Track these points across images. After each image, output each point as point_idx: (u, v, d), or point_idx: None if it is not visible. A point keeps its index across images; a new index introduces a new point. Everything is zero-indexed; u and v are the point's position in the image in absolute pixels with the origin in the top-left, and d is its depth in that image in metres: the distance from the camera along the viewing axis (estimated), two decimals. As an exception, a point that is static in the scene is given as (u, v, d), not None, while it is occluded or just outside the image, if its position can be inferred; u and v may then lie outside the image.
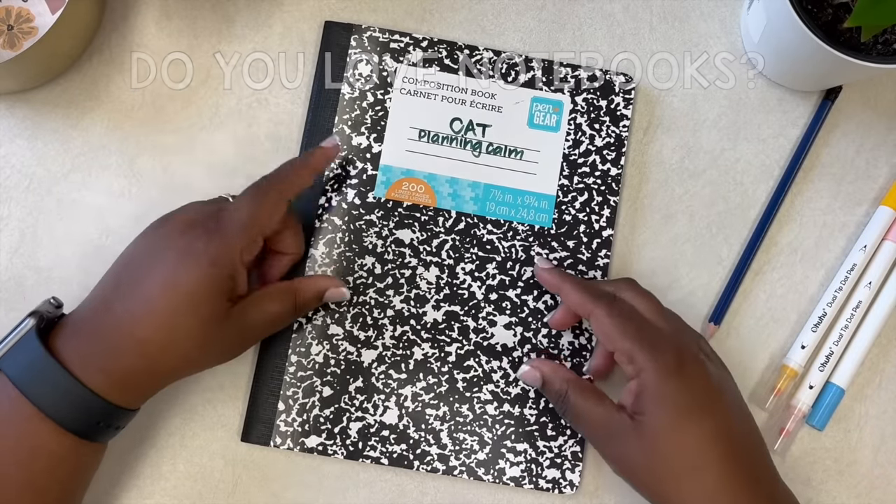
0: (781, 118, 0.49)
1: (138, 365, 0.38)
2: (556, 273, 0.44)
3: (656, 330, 0.40)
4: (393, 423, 0.45)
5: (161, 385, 0.40)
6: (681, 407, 0.38)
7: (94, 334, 0.38)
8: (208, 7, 0.49)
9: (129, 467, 0.45)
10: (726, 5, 0.50)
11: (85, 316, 0.39)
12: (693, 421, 0.38)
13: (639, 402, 0.39)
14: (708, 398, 0.39)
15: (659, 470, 0.38)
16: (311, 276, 0.45)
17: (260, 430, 0.45)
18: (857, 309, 0.47)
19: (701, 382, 0.39)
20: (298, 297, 0.43)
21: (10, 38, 0.46)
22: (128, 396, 0.38)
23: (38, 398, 0.36)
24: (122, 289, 0.39)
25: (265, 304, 0.41)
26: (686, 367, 0.39)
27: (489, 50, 0.48)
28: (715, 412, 0.39)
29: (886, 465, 0.47)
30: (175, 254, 0.38)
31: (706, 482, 0.38)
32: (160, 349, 0.38)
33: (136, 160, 0.47)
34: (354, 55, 0.48)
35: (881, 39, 0.43)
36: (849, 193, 0.49)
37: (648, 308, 0.41)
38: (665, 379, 0.38)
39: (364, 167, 0.47)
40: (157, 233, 0.40)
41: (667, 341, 0.40)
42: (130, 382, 0.38)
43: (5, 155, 0.47)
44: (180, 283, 0.38)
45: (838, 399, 0.46)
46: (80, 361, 0.37)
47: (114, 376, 0.37)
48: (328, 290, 0.44)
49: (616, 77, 0.48)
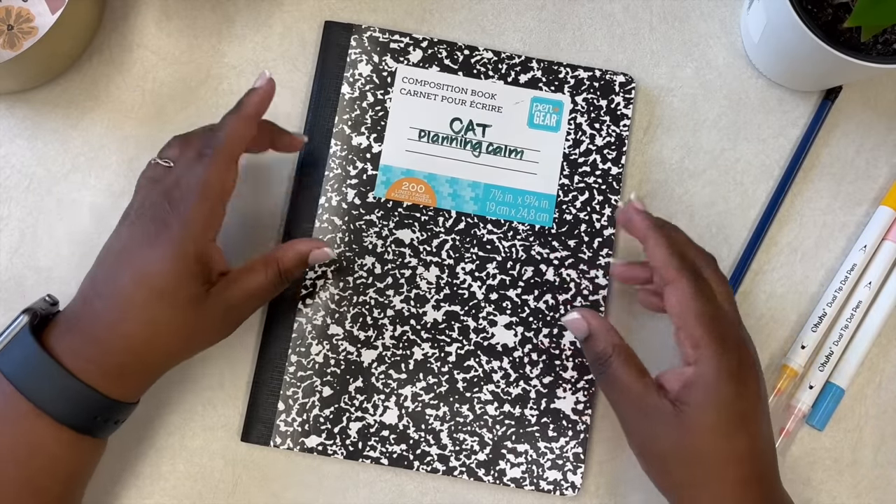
0: (781, 118, 0.49)
1: (128, 358, 0.38)
2: (647, 219, 0.40)
3: (729, 324, 0.38)
4: (393, 423, 0.45)
5: (156, 376, 0.40)
6: (731, 413, 0.37)
7: (84, 330, 0.37)
8: (208, 7, 0.49)
9: (128, 467, 0.45)
10: (726, 5, 0.50)
11: (74, 312, 0.38)
12: (739, 429, 0.37)
13: (688, 392, 0.37)
14: (756, 410, 0.38)
15: (688, 465, 0.37)
16: (287, 244, 0.42)
17: (260, 430, 0.45)
18: (857, 309, 0.47)
19: (754, 392, 0.38)
20: (280, 264, 0.41)
21: (10, 38, 0.46)
22: (124, 389, 0.38)
23: (35, 394, 0.36)
24: (99, 286, 0.38)
25: (246, 280, 0.40)
26: (746, 373, 0.38)
27: (489, 50, 0.48)
28: (758, 426, 0.38)
29: (886, 465, 0.47)
30: (138, 246, 0.38)
31: (726, 492, 0.37)
32: (143, 342, 0.37)
33: (136, 160, 0.47)
34: (354, 55, 0.48)
35: (881, 39, 0.43)
36: (849, 193, 0.49)
37: (726, 298, 0.39)
38: (725, 380, 0.37)
39: (364, 167, 0.47)
40: (121, 227, 0.39)
41: (734, 340, 0.38)
42: (124, 375, 0.38)
43: (5, 155, 0.47)
44: (150, 274, 0.37)
45: (838, 399, 0.46)
46: (73, 357, 0.37)
47: (107, 370, 0.37)
48: (311, 252, 0.42)
49: (616, 77, 0.48)
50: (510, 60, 0.48)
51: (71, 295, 0.42)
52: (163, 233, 0.37)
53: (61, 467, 0.37)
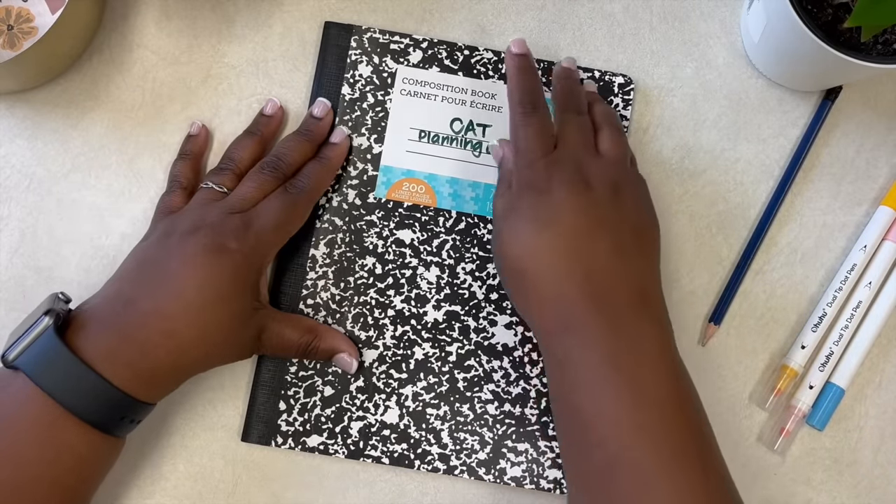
0: (781, 118, 0.49)
1: (166, 360, 0.39)
2: (516, 59, 0.45)
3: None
4: (394, 422, 0.45)
5: (182, 379, 0.41)
6: (523, 217, 0.40)
7: (118, 331, 0.38)
8: (208, 7, 0.49)
9: (129, 467, 0.45)
10: (726, 5, 0.50)
11: (105, 312, 0.39)
12: (540, 229, 0.39)
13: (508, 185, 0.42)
14: (553, 217, 0.39)
15: (516, 272, 0.40)
16: (334, 332, 0.45)
17: (260, 430, 0.45)
18: (858, 309, 0.47)
19: (548, 200, 0.40)
20: (318, 341, 0.44)
21: (10, 38, 0.46)
22: (152, 391, 0.39)
23: (65, 397, 0.36)
24: (147, 285, 0.39)
25: (285, 327, 0.43)
26: (537, 183, 0.40)
27: (489, 50, 0.48)
28: (556, 228, 0.39)
29: (886, 465, 0.47)
30: (207, 252, 0.39)
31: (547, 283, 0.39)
32: (191, 343, 0.39)
33: (136, 160, 0.47)
34: (354, 56, 0.48)
35: (881, 39, 0.43)
36: (849, 193, 0.49)
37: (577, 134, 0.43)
38: (513, 190, 0.41)
39: (364, 168, 0.47)
40: (186, 237, 0.40)
41: (555, 161, 0.41)
42: (156, 378, 0.39)
43: (5, 155, 0.47)
44: (213, 278, 0.39)
45: (838, 399, 0.46)
46: (103, 358, 0.37)
47: (140, 371, 0.38)
48: (341, 354, 0.44)
49: (615, 78, 0.48)
50: (510, 60, 0.48)
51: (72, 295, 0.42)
52: (239, 246, 0.40)
53: (87, 466, 0.38)
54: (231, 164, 0.44)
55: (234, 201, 0.42)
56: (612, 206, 0.40)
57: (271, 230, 0.41)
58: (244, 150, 0.45)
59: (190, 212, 0.42)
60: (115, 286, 0.40)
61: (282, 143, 0.45)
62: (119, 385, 0.37)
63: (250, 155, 0.45)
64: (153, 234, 0.42)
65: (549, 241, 0.39)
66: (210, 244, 0.40)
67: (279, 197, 0.43)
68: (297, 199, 0.43)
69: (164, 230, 0.42)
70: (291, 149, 0.44)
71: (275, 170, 0.43)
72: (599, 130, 0.44)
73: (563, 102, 0.45)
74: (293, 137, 0.45)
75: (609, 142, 0.43)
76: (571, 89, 0.45)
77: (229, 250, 0.40)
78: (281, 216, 0.42)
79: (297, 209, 0.43)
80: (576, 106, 0.44)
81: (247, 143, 0.45)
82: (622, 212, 0.40)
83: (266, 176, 0.43)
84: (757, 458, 0.46)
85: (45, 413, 0.36)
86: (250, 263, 0.41)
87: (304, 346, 0.43)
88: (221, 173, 0.44)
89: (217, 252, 0.39)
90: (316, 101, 0.46)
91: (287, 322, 0.43)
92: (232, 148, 0.46)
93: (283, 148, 0.44)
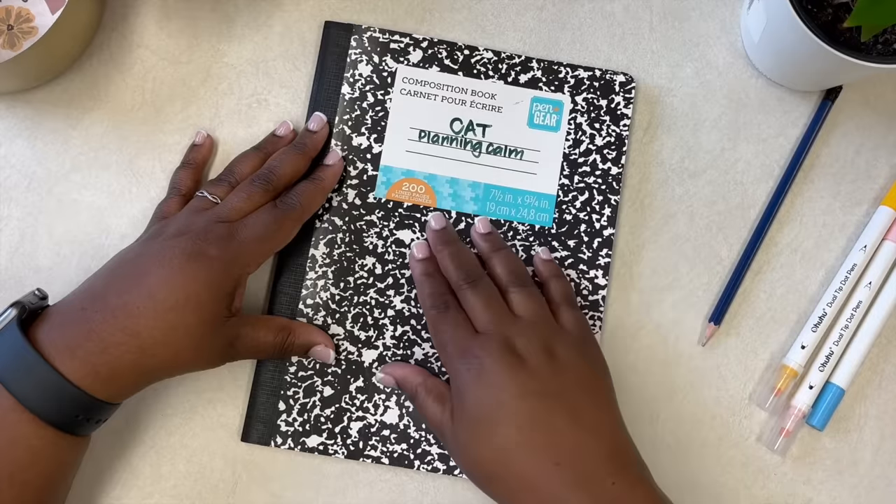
0: (781, 118, 0.49)
1: (127, 359, 0.38)
2: (420, 263, 0.45)
3: (467, 339, 0.41)
4: (393, 422, 0.45)
5: (145, 382, 0.40)
6: (473, 418, 0.39)
7: (81, 326, 0.37)
8: (208, 7, 0.49)
9: (128, 467, 0.45)
10: (726, 5, 0.50)
11: (72, 307, 0.38)
12: (490, 428, 0.38)
13: (450, 406, 0.41)
14: (499, 408, 0.38)
15: (474, 472, 0.40)
16: (308, 325, 0.45)
17: (260, 430, 0.45)
18: (858, 309, 0.47)
19: (499, 387, 0.38)
20: (293, 337, 0.43)
21: (10, 38, 0.46)
22: (110, 390, 0.38)
23: (17, 389, 0.36)
24: (119, 283, 0.39)
25: (259, 330, 0.42)
26: (467, 371, 0.39)
27: (489, 50, 0.48)
28: (504, 421, 0.38)
29: (886, 465, 0.47)
30: (186, 256, 0.39)
31: (509, 486, 0.38)
32: (155, 344, 0.38)
33: (136, 160, 0.47)
34: (354, 55, 0.48)
35: (881, 39, 0.43)
36: (849, 193, 0.49)
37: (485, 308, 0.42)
38: (463, 391, 0.39)
39: (364, 167, 0.47)
40: (154, 240, 0.40)
41: (444, 345, 0.41)
42: (116, 376, 0.38)
43: (5, 155, 0.47)
44: (187, 282, 0.39)
45: (838, 399, 0.46)
46: (61, 352, 0.37)
47: (99, 369, 0.37)
48: (317, 346, 0.44)
49: (616, 76, 0.48)
50: (510, 60, 0.48)
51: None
52: (220, 253, 0.40)
53: (42, 462, 0.37)
54: (231, 176, 0.45)
55: (222, 210, 0.42)
56: (550, 373, 0.39)
57: (254, 242, 0.41)
58: (247, 165, 0.45)
59: (179, 217, 0.42)
60: (88, 282, 0.40)
61: (275, 157, 0.45)
62: (75, 380, 0.36)
63: (252, 170, 0.45)
64: (141, 237, 0.43)
65: (508, 437, 0.38)
66: (190, 248, 0.39)
67: (268, 211, 0.42)
68: (285, 215, 0.43)
69: (151, 233, 0.42)
70: (284, 162, 0.44)
71: (266, 182, 0.43)
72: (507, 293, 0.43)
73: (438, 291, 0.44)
74: (287, 151, 0.45)
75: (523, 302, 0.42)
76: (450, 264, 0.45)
77: (208, 257, 0.39)
78: (266, 230, 0.42)
79: (283, 225, 0.42)
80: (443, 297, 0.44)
81: (251, 158, 0.46)
82: (562, 374, 0.39)
83: (256, 188, 0.43)
84: (757, 458, 0.46)
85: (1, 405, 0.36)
86: (228, 272, 0.40)
87: (280, 344, 0.43)
88: (218, 184, 0.44)
89: (196, 257, 0.39)
90: (312, 116, 0.46)
91: (259, 324, 0.43)
92: (235, 161, 0.46)
93: (276, 161, 0.44)
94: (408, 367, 0.45)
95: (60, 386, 0.36)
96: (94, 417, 0.38)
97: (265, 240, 0.42)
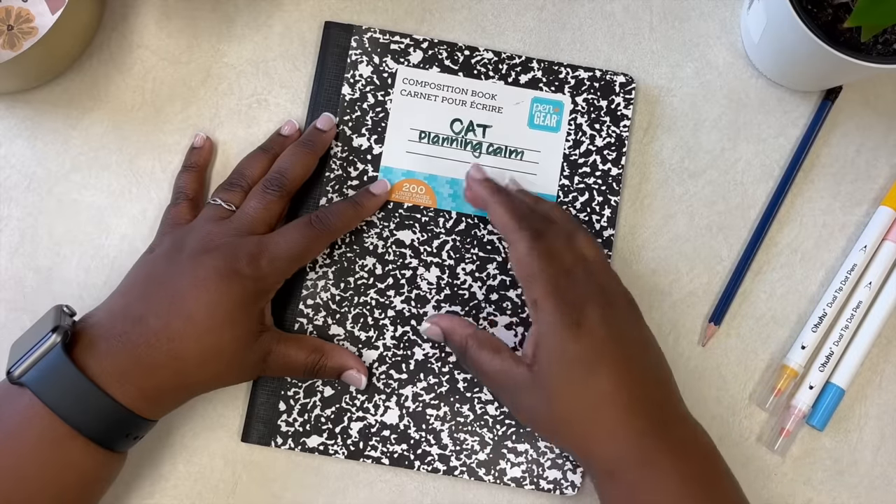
0: (781, 118, 0.49)
1: (171, 381, 0.39)
2: (486, 186, 0.43)
3: (569, 279, 0.39)
4: (394, 423, 0.45)
5: (186, 398, 0.41)
6: (574, 360, 0.38)
7: (126, 350, 0.38)
8: (208, 7, 0.49)
9: (129, 467, 0.45)
10: (726, 5, 0.50)
11: (114, 330, 0.38)
12: (592, 372, 0.38)
13: (536, 352, 0.39)
14: (604, 350, 0.38)
15: (560, 419, 0.39)
16: (340, 349, 0.44)
17: (260, 430, 0.45)
18: (858, 309, 0.47)
19: (599, 334, 0.38)
20: (325, 359, 0.43)
21: (10, 38, 0.46)
22: (156, 410, 0.39)
23: (71, 416, 0.36)
24: (156, 304, 0.39)
25: (291, 348, 0.42)
26: (586, 320, 0.38)
27: (489, 51, 0.48)
28: (612, 363, 0.38)
29: (886, 465, 0.47)
30: (220, 276, 0.39)
31: (606, 428, 0.38)
32: (195, 366, 0.39)
33: (136, 160, 0.47)
34: (355, 56, 0.48)
35: (881, 39, 0.43)
36: (849, 193, 0.49)
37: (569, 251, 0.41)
38: (562, 331, 0.38)
39: (365, 168, 0.47)
40: (197, 257, 0.40)
41: (574, 291, 0.39)
42: (160, 397, 0.39)
43: (5, 155, 0.47)
44: (223, 302, 0.39)
45: (838, 399, 0.46)
46: (110, 378, 0.37)
47: (147, 392, 0.38)
48: (350, 371, 0.44)
49: (616, 77, 0.48)
50: (510, 61, 0.48)
51: (72, 295, 0.42)
52: (252, 271, 0.40)
53: (89, 482, 0.38)
54: (242, 180, 0.44)
55: (241, 222, 0.42)
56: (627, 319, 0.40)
57: (286, 260, 0.41)
58: (256, 167, 0.45)
59: (198, 229, 0.42)
60: (121, 301, 0.40)
61: (284, 157, 0.45)
62: (126, 404, 0.37)
63: (261, 173, 0.45)
64: (160, 248, 0.42)
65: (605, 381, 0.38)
66: (222, 267, 0.39)
67: (301, 229, 0.42)
68: (319, 234, 0.42)
69: (172, 245, 0.41)
70: (294, 163, 0.44)
71: (279, 188, 0.43)
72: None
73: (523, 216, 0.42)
74: (295, 150, 0.45)
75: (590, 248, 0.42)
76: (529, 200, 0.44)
77: (241, 276, 0.40)
78: (299, 248, 0.42)
79: (316, 244, 0.43)
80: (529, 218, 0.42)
81: (259, 159, 0.45)
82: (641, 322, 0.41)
83: (271, 195, 0.43)
84: (757, 458, 0.46)
85: (51, 431, 0.36)
86: (259, 289, 0.40)
87: (311, 365, 0.43)
88: (231, 190, 0.44)
89: (229, 276, 0.39)
90: (322, 115, 0.46)
91: (292, 343, 0.43)
92: (243, 164, 0.45)
93: (286, 162, 0.44)
94: (455, 318, 0.44)
95: (114, 410, 0.37)
96: (140, 434, 0.39)
97: (296, 258, 0.42)
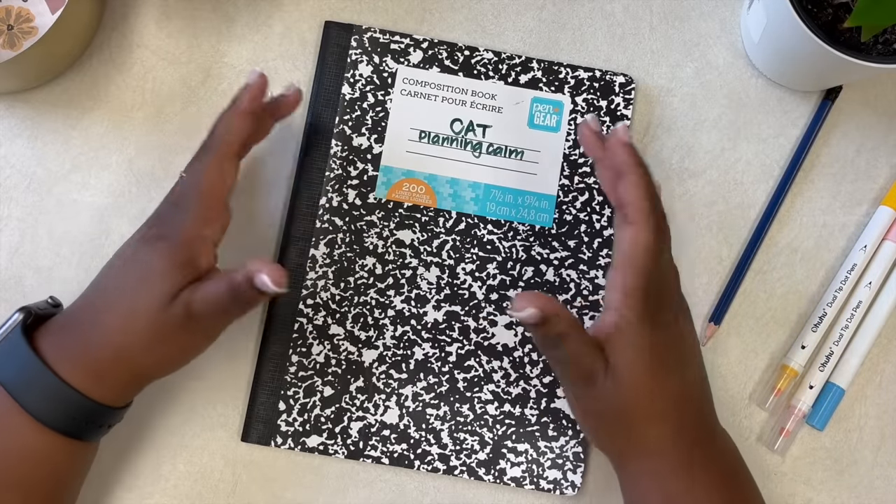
0: (781, 118, 0.49)
1: (105, 354, 0.37)
2: (634, 154, 0.39)
3: (662, 281, 0.38)
4: (394, 422, 0.45)
5: (136, 379, 0.39)
6: (654, 356, 0.37)
7: (74, 328, 0.38)
8: (208, 7, 0.49)
9: (128, 467, 0.45)
10: (726, 5, 0.50)
11: (71, 312, 0.39)
12: (668, 373, 0.38)
13: (612, 342, 0.37)
14: (683, 355, 0.39)
15: (626, 413, 0.38)
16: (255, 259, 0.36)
17: (260, 430, 0.45)
18: (858, 309, 0.47)
19: (679, 339, 0.39)
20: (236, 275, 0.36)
21: (10, 38, 0.46)
22: (105, 391, 0.37)
23: (21, 395, 0.36)
24: (97, 282, 0.39)
25: (208, 286, 0.37)
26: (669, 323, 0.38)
27: (489, 50, 0.48)
28: (686, 369, 0.39)
29: (886, 465, 0.47)
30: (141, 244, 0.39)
31: (666, 433, 0.38)
32: (120, 333, 0.37)
33: (136, 160, 0.47)
34: (355, 56, 0.48)
35: (881, 39, 0.43)
36: (849, 193, 0.49)
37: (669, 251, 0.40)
38: (647, 326, 0.37)
39: (365, 168, 0.47)
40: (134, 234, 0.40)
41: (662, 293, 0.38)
42: (104, 376, 0.37)
43: (5, 155, 0.47)
44: (139, 263, 0.38)
45: (838, 399, 0.46)
46: (60, 357, 0.37)
47: (89, 370, 0.37)
48: (257, 276, 0.35)
49: (616, 77, 0.48)
50: (510, 61, 0.48)
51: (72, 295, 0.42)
52: (163, 232, 0.38)
53: (49, 468, 0.37)
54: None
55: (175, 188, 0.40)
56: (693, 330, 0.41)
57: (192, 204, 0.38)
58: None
59: None
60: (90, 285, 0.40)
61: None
62: (73, 384, 0.36)
63: None
64: None
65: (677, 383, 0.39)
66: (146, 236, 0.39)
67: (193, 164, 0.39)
68: (208, 158, 0.38)
69: None
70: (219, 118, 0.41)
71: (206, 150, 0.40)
72: None
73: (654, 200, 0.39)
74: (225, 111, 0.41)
75: None
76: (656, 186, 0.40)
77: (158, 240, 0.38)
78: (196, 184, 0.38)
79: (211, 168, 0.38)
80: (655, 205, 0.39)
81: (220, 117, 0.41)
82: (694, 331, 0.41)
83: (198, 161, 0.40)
84: (757, 458, 0.46)
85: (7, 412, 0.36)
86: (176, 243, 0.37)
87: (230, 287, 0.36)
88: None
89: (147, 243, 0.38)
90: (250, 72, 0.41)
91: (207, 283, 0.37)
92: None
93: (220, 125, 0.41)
94: (550, 300, 0.36)
95: (60, 390, 0.36)
96: (99, 422, 0.38)
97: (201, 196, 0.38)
